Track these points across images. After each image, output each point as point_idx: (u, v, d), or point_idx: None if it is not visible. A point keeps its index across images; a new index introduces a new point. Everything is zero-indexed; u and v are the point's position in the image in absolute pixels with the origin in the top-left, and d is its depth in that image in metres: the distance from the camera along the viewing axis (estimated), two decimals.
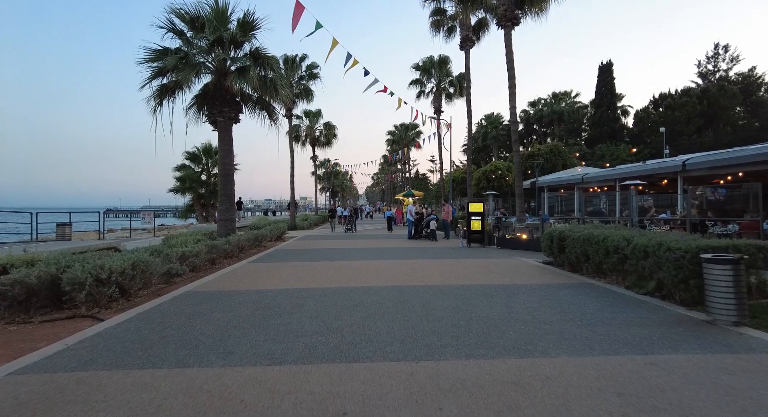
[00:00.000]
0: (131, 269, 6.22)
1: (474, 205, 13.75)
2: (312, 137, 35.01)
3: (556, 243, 8.68)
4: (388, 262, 9.94)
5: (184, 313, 5.33)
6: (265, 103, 14.30)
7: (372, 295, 6.26)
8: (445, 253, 12.09)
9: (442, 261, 10.23)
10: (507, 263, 9.82)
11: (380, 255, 11.55)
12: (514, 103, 14.20)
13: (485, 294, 6.27)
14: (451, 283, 7.21)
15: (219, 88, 12.99)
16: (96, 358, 3.71)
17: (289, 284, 7.20)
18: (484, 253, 11.88)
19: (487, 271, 8.52)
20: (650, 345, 3.90)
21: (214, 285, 7.32)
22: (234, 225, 13.32)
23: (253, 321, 4.89)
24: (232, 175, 13.51)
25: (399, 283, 7.23)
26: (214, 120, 13.15)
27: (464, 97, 27.21)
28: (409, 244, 14.71)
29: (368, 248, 13.52)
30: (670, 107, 30.53)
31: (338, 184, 59.38)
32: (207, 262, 10.01)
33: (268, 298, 6.15)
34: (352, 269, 8.91)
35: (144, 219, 15.37)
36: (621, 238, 6.65)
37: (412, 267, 9.15)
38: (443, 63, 26.66)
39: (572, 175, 21.39)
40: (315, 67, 25.52)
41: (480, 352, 3.76)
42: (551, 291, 6.48)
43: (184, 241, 11.35)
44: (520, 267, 9.21)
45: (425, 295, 6.17)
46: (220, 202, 13.19)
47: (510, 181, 25.44)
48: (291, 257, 11.30)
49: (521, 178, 14.54)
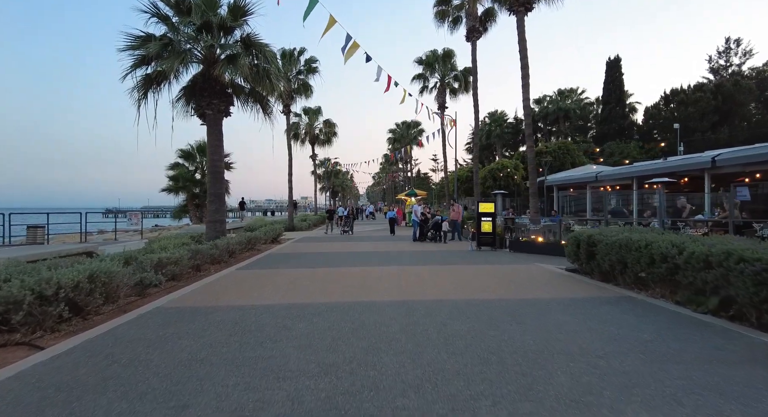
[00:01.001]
0: (88, 282, 5.19)
1: (484, 204, 12.71)
2: (311, 135, 33.99)
3: (584, 248, 7.65)
4: (393, 269, 8.91)
5: (145, 338, 4.31)
6: (259, 95, 13.27)
7: (375, 313, 5.23)
8: (455, 257, 11.05)
9: (452, 268, 9.20)
10: (526, 270, 8.78)
11: (383, 260, 10.52)
12: (527, 95, 13.16)
13: (511, 312, 5.24)
14: (467, 296, 6.18)
15: (208, 79, 11.98)
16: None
17: (277, 298, 6.17)
18: (497, 258, 10.84)
19: (506, 281, 7.48)
20: (760, 398, 2.87)
21: (191, 298, 6.30)
22: (224, 227, 12.31)
23: (227, 352, 3.87)
24: (222, 172, 12.50)
25: (406, 296, 6.20)
26: (203, 113, 12.13)
27: (469, 93, 26.21)
28: (414, 247, 13.68)
29: (370, 252, 12.49)
30: (682, 103, 29.41)
31: (338, 184, 58.40)
32: (191, 269, 9.01)
33: (250, 317, 5.12)
34: (351, 278, 7.89)
35: (131, 220, 14.40)
36: (669, 245, 5.62)
37: (420, 275, 8.12)
38: (447, 57, 25.60)
39: (585, 173, 20.34)
40: (314, 61, 24.50)
41: (526, 408, 2.73)
42: (589, 308, 5.44)
43: (166, 244, 10.34)
44: (542, 275, 8.17)
45: (440, 314, 5.14)
46: (209, 202, 12.18)
47: (518, 180, 24.40)
48: (285, 263, 10.28)
49: (535, 175, 13.51)
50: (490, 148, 46.47)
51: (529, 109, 13.44)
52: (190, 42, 11.82)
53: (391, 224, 20.25)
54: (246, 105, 13.58)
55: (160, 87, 12.28)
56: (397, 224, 28.91)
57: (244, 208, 37.43)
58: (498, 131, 45.89)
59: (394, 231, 19.80)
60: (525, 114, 13.63)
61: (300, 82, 24.52)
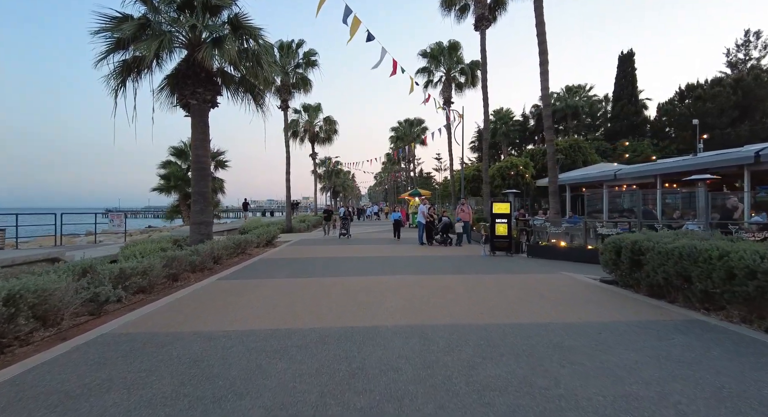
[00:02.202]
0: (4, 306, 4.00)
1: (499, 205, 11.47)
2: (311, 133, 32.80)
3: (627, 257, 6.40)
4: (398, 280, 7.69)
5: (61, 390, 3.11)
6: (250, 85, 12.08)
7: (379, 346, 4.01)
8: (468, 264, 9.82)
9: (468, 278, 7.96)
10: (554, 281, 7.54)
11: (387, 267, 9.30)
12: (546, 83, 11.93)
13: (558, 345, 4.01)
14: (495, 319, 4.95)
15: (192, 65, 10.80)
16: None
17: (257, 320, 4.96)
18: (516, 266, 9.61)
19: (535, 295, 6.24)
20: None
21: (152, 320, 5.09)
22: (210, 230, 11.11)
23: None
24: (209, 169, 11.31)
25: (418, 318, 4.98)
26: (186, 103, 10.95)
27: (476, 87, 25.01)
28: (421, 252, 12.45)
29: (372, 257, 11.27)
30: (700, 98, 28.04)
31: (340, 184, 57.22)
32: (166, 278, 7.82)
33: (216, 351, 3.91)
34: (349, 291, 6.66)
35: (113, 221, 13.23)
36: (755, 256, 4.38)
37: (432, 288, 6.89)
38: (453, 49, 24.34)
39: (601, 171, 19.08)
40: (313, 54, 23.30)
41: None
42: (656, 338, 4.20)
43: (142, 249, 9.16)
44: (575, 288, 6.93)
45: (465, 349, 3.91)
46: (192, 202, 10.99)
47: (528, 178, 23.13)
48: (275, 270, 9.06)
49: (555, 172, 12.27)
50: (496, 147, 45.14)
51: (548, 99, 12.20)
52: (171, 24, 10.64)
53: (395, 228, 17.47)
54: (236, 96, 12.40)
55: (141, 75, 11.13)
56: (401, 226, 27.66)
57: (247, 208, 37.19)
58: (504, 129, 44.58)
59: (399, 235, 17.17)
60: (544, 104, 12.39)
61: (298, 76, 23.32)
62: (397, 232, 17.29)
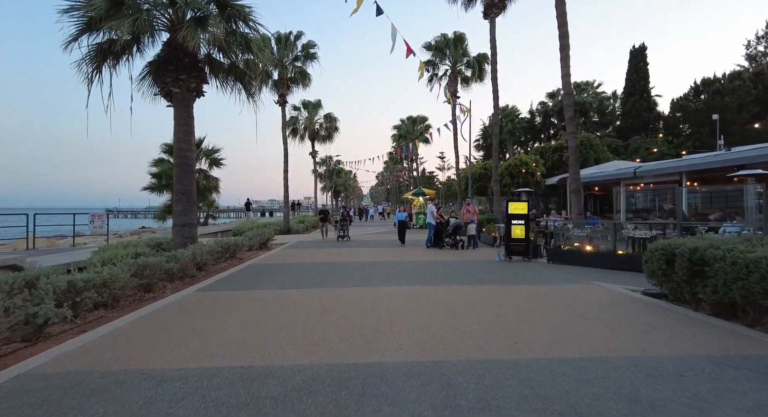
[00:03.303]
0: None
1: (515, 204, 10.32)
2: (311, 130, 31.74)
3: (683, 267, 5.27)
4: (406, 293, 6.57)
5: None
6: (240, 73, 10.98)
7: (385, 400, 2.88)
8: (484, 271, 8.69)
9: (488, 290, 6.83)
10: (589, 294, 6.40)
11: (392, 276, 8.19)
12: (567, 69, 10.79)
13: (634, 398, 2.88)
14: (535, 352, 3.82)
15: (174, 49, 9.71)
16: None
17: (227, 354, 3.85)
18: (538, 273, 8.48)
19: (574, 314, 5.11)
20: None
21: (95, 351, 3.99)
22: (194, 232, 10.02)
23: None
24: (193, 164, 10.23)
25: (435, 352, 3.86)
26: (168, 91, 9.86)
27: (483, 81, 23.86)
28: (430, 256, 11.32)
29: (374, 263, 10.16)
30: (718, 93, 26.77)
31: (341, 183, 56.15)
32: (136, 290, 6.75)
33: (160, 406, 2.80)
34: (347, 308, 5.55)
35: (94, 222, 12.16)
36: None
37: (447, 304, 5.77)
38: (459, 41, 23.18)
39: (619, 169, 17.91)
40: (312, 46, 22.19)
41: None
42: (765, 387, 3.07)
43: (114, 255, 8.09)
44: (618, 303, 5.79)
45: (505, 406, 2.79)
46: (175, 202, 9.89)
47: (539, 177, 21.97)
48: (264, 279, 7.96)
49: (577, 168, 11.12)
50: (501, 145, 43.92)
51: (570, 87, 11.07)
52: (149, 1, 9.56)
53: (400, 230, 14.92)
54: (225, 85, 11.31)
55: (119, 61, 10.07)
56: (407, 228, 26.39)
57: (250, 208, 36.97)
58: (509, 127, 43.35)
59: (404, 239, 14.72)
60: (565, 92, 11.27)
61: (297, 70, 22.22)
62: (402, 235, 14.87)
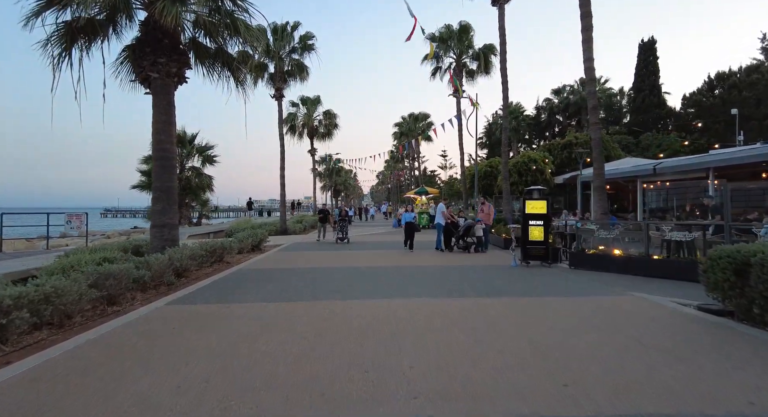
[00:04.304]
0: None
1: (534, 203, 9.28)
2: (310, 127, 30.68)
3: (763, 280, 4.23)
4: (416, 308, 5.53)
5: None
6: (228, 58, 9.96)
7: None
8: (503, 279, 7.64)
9: (511, 304, 5.79)
10: (635, 311, 5.35)
11: (396, 284, 7.16)
12: (590, 52, 9.71)
13: None
14: (597, 404, 2.77)
15: (152, 29, 8.71)
16: None
17: (177, 408, 2.80)
18: (563, 281, 7.44)
19: (629, 340, 4.07)
20: None
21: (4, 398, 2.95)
22: (175, 233, 9.00)
23: None
24: (174, 159, 9.19)
25: (459, 398, 2.82)
26: (146, 77, 8.84)
27: (489, 74, 22.81)
28: (437, 261, 10.29)
29: (376, 268, 9.13)
30: (734, 87, 25.69)
31: (341, 182, 55.11)
32: (99, 302, 5.75)
33: None
34: (344, 331, 4.52)
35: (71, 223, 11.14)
36: None
37: (464, 323, 4.73)
38: (464, 32, 22.11)
39: (635, 165, 16.88)
40: (310, 37, 21.14)
41: None
42: None
43: (77, 260, 7.06)
44: (675, 324, 4.75)
45: None
46: (153, 200, 8.87)
47: (548, 175, 20.92)
48: (250, 289, 6.92)
49: (602, 161, 10.06)
50: None
51: (593, 73, 9.97)
52: None
53: (408, 234, 12.57)
54: (212, 71, 10.28)
55: (91, 44, 9.06)
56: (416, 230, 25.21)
57: (251, 208, 36.83)
58: (514, 124, 42.18)
59: (411, 244, 12.44)
60: (588, 79, 10.18)
61: (294, 63, 21.17)
62: (409, 240, 12.49)
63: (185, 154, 21.10)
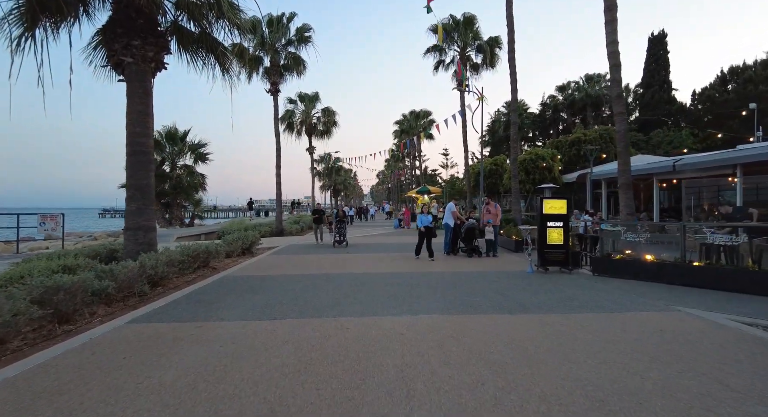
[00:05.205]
0: None
1: (552, 202, 8.32)
2: (308, 124, 29.69)
3: None
4: (423, 327, 4.60)
5: None
6: (212, 42, 9.02)
7: None
8: (521, 290, 6.69)
9: (539, 322, 4.84)
10: (694, 332, 4.41)
11: (400, 296, 6.22)
12: (614, 35, 8.74)
13: None
14: None
15: (124, 6, 7.76)
16: None
17: None
18: (593, 293, 6.48)
19: (710, 382, 3.13)
20: None
21: None
22: (152, 236, 8.06)
23: None
24: (151, 153, 8.23)
25: None
26: (118, 61, 7.89)
27: (495, 68, 21.83)
28: (445, 266, 9.34)
29: (377, 275, 8.19)
30: (750, 81, 24.73)
31: (340, 182, 54.17)
32: (47, 321, 4.83)
33: None
34: (338, 362, 3.59)
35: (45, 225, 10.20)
36: None
37: (486, 352, 3.80)
38: (469, 23, 21.13)
39: (651, 162, 15.93)
40: (307, 30, 20.16)
41: None
42: None
43: (32, 269, 6.13)
44: (756, 353, 3.80)
45: None
46: (127, 199, 7.92)
47: (556, 173, 19.95)
48: (230, 302, 5.97)
49: (628, 155, 9.05)
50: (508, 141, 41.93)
51: (618, 58, 8.97)
52: None
53: (426, 241, 10.22)
54: (196, 57, 9.35)
55: (59, 25, 8.12)
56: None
57: (252, 207, 36.55)
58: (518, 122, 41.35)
59: (431, 252, 10.14)
60: (612, 64, 9.20)
61: (290, 56, 20.20)
62: (427, 244, 10.18)
63: (177, 151, 20.15)
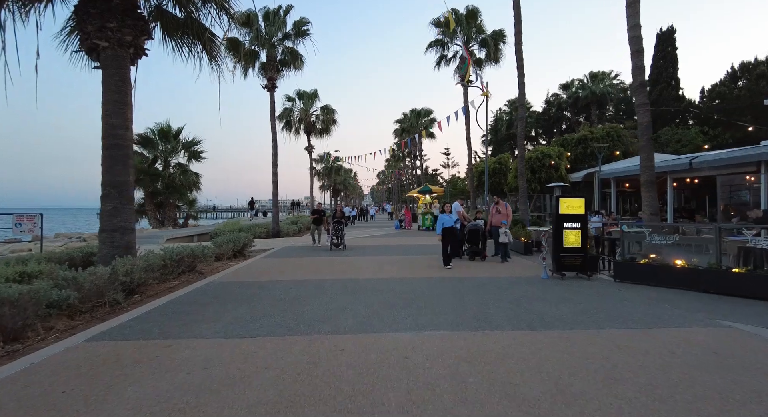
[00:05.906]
0: None
1: (569, 201, 7.61)
2: (307, 123, 29.01)
3: None
4: (432, 348, 3.90)
5: None
6: (198, 27, 8.31)
7: None
8: (539, 299, 5.98)
9: (566, 341, 4.13)
10: (752, 354, 3.70)
11: (404, 307, 5.52)
12: (637, 20, 8.03)
13: None
14: None
15: None
16: None
17: None
18: (619, 304, 5.77)
19: None
20: None
21: None
22: (130, 238, 7.35)
23: None
24: (129, 148, 7.52)
25: None
26: (93, 45, 7.20)
27: (499, 63, 21.13)
28: (452, 272, 8.62)
29: (378, 282, 7.48)
30: (763, 77, 24.02)
31: (340, 182, 53.47)
32: None
33: None
34: (331, 396, 2.87)
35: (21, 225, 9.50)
36: None
37: (509, 382, 3.09)
38: (472, 17, 20.42)
39: (666, 160, 15.21)
40: (305, 23, 19.47)
41: None
42: None
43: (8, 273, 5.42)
44: None
45: None
46: (103, 198, 7.21)
47: (563, 172, 19.25)
48: (211, 313, 5.27)
49: (651, 151, 8.34)
50: (511, 139, 41.22)
51: (641, 44, 8.23)
52: None
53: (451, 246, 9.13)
54: (181, 44, 8.64)
55: (27, 5, 7.43)
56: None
57: (253, 207, 36.07)
58: None
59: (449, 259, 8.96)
60: (633, 51, 8.42)
61: (287, 51, 19.50)
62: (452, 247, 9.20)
63: (170, 149, 19.46)
